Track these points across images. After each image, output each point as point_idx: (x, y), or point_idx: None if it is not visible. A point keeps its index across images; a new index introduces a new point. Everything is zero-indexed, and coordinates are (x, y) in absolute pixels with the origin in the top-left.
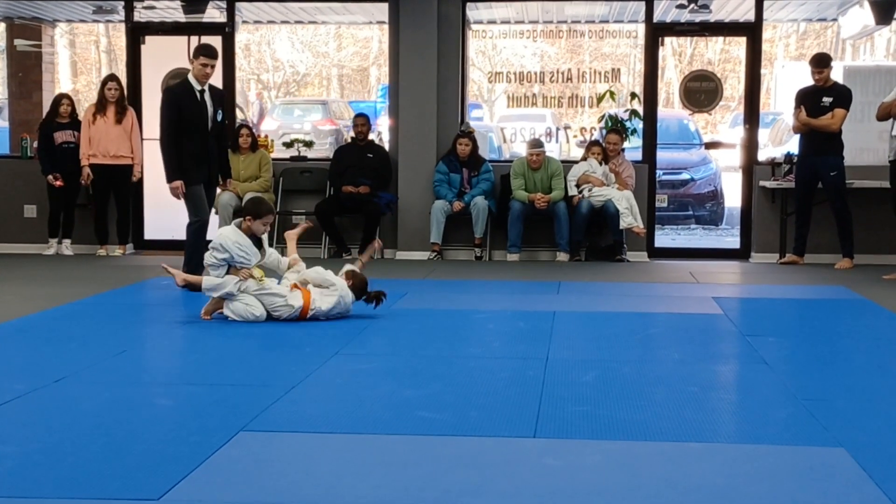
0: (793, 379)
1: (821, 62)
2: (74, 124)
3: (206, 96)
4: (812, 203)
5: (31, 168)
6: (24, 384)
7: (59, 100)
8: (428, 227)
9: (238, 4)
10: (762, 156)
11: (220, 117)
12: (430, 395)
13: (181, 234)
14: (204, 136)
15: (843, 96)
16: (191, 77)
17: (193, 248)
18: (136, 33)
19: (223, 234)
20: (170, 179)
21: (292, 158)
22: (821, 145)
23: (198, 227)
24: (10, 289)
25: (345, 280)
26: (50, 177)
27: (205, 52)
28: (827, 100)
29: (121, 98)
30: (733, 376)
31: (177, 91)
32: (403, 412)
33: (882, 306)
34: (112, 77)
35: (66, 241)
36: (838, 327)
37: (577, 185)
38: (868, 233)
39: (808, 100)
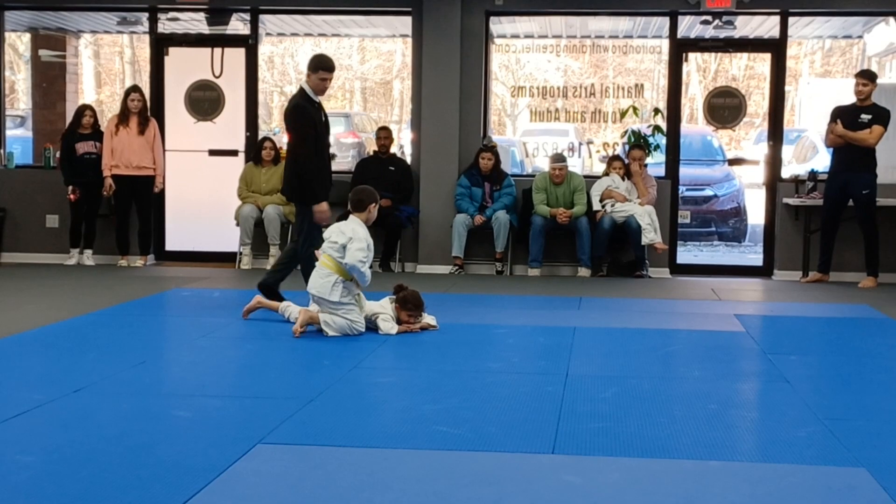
0: (814, 398)
1: (868, 75)
2: (97, 135)
3: (322, 111)
4: (839, 220)
5: (54, 178)
6: (43, 394)
7: (81, 111)
8: (449, 240)
9: (262, 17)
10: (786, 173)
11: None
12: (449, 409)
13: (202, 246)
14: (328, 151)
15: (881, 115)
16: (308, 91)
17: (304, 273)
18: (160, 45)
19: (362, 234)
20: (315, 201)
21: None
22: (854, 162)
23: (311, 257)
24: (31, 298)
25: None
26: (69, 188)
27: (324, 65)
28: (865, 117)
29: (143, 109)
30: (754, 394)
31: (307, 107)
32: (421, 427)
33: None
34: (135, 88)
35: (88, 252)
36: (861, 346)
37: (601, 201)
38: (894, 251)
39: (846, 116)
